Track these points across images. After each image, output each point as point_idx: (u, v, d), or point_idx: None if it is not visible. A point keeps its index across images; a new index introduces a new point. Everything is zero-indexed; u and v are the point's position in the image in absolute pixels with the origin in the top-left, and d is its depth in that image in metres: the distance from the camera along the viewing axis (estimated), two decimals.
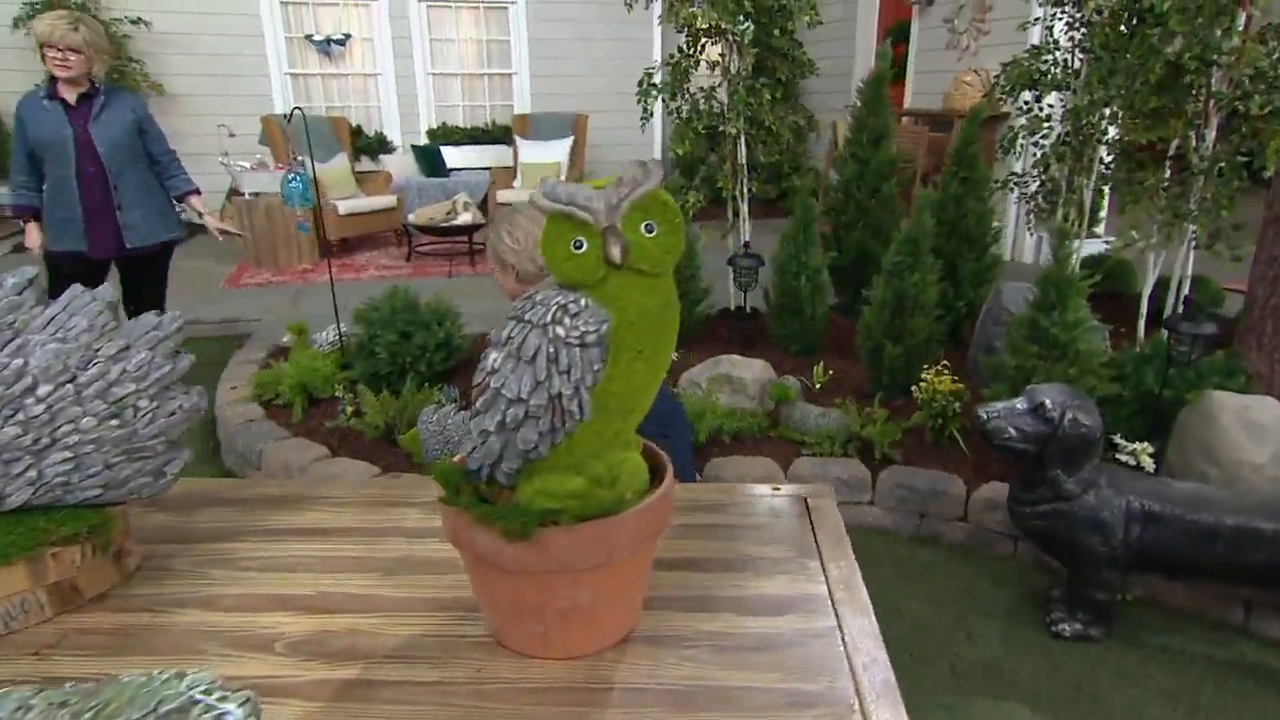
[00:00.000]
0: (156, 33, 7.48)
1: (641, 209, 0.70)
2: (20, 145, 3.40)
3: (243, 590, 0.86)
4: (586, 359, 0.69)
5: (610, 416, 0.73)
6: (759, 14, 3.93)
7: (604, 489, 0.75)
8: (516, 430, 0.71)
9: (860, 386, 3.56)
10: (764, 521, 1.04)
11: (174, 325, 0.90)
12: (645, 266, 0.71)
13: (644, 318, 0.71)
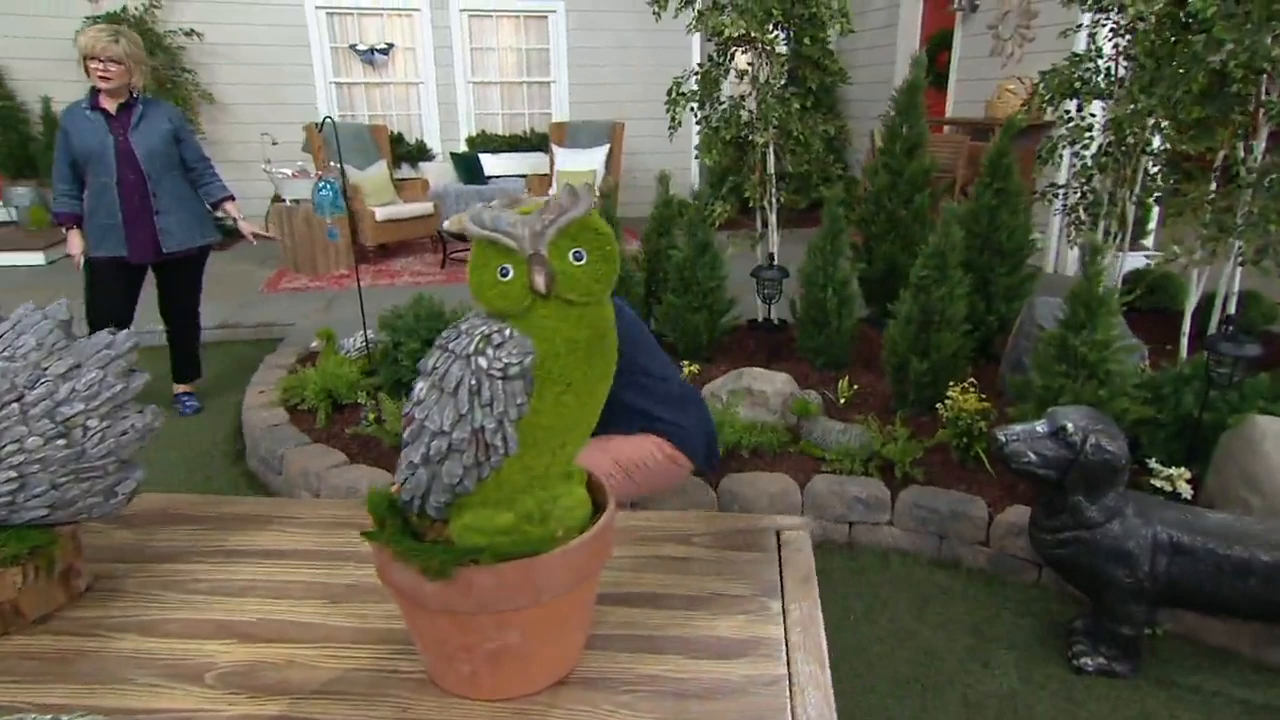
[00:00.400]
0: (208, 44, 7.69)
1: (569, 236, 0.68)
2: (63, 155, 3.51)
3: (187, 615, 0.86)
4: (509, 391, 0.67)
5: (540, 451, 0.71)
6: (789, 22, 3.88)
7: (534, 525, 0.72)
8: (441, 463, 0.69)
9: (886, 402, 3.48)
10: (731, 555, 1.01)
11: (127, 344, 0.90)
12: (573, 296, 0.68)
13: (572, 349, 0.69)
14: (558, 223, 0.67)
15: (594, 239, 0.69)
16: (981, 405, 3.00)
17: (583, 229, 0.68)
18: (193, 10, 7.59)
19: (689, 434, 2.18)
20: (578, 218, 0.67)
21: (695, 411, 2.25)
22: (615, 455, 2.11)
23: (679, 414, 2.17)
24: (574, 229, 0.68)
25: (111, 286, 3.61)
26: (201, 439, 3.66)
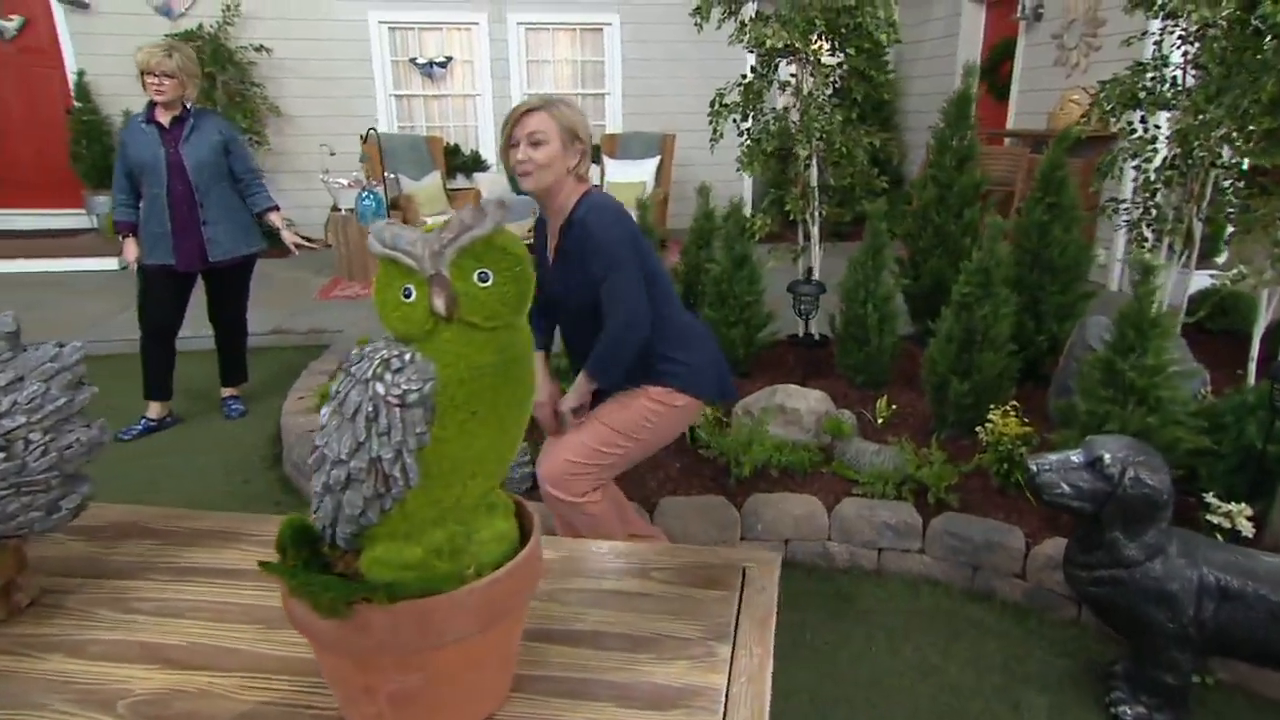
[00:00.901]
0: (276, 58, 7.95)
1: (474, 256, 0.64)
2: (121, 166, 3.65)
3: (119, 636, 0.85)
4: (409, 420, 0.63)
5: (448, 483, 0.67)
6: (834, 33, 3.80)
7: (444, 561, 0.69)
8: (342, 493, 0.66)
9: (925, 424, 3.36)
10: (688, 593, 0.95)
11: (73, 357, 0.89)
12: (477, 319, 0.64)
13: (478, 375, 0.65)
14: (458, 242, 0.63)
15: (501, 259, 0.65)
16: (1023, 430, 2.86)
17: (489, 248, 0.65)
18: (264, 27, 7.87)
19: (696, 371, 2.16)
20: (481, 236, 0.64)
21: (701, 346, 2.23)
22: (611, 424, 2.13)
23: (685, 351, 2.16)
24: (479, 248, 0.64)
25: (161, 292, 3.73)
26: (243, 442, 3.75)
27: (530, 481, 2.97)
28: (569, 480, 2.13)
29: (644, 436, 2.15)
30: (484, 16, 8.14)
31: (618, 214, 2.03)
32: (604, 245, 1.98)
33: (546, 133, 1.95)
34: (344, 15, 8.00)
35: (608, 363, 2.06)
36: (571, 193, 2.04)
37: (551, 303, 2.15)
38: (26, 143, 8.26)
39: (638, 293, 2.02)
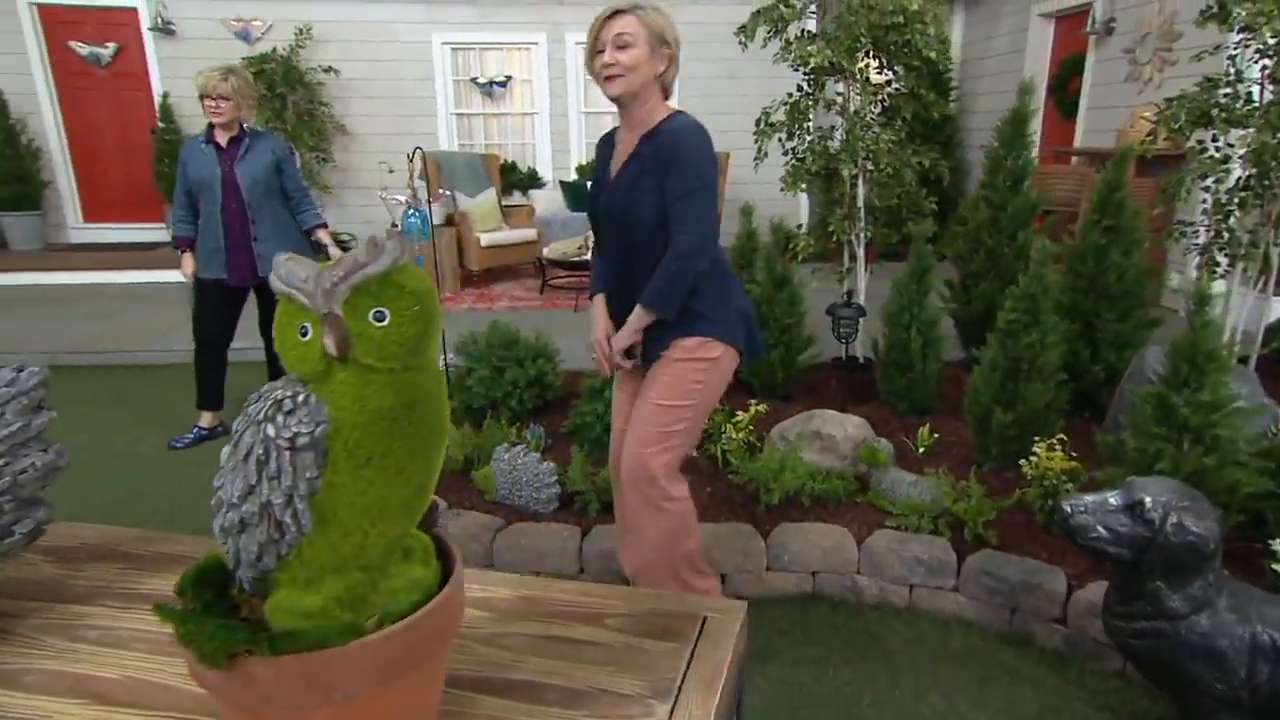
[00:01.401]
0: (343, 79, 8.23)
1: (370, 294, 0.62)
2: (181, 184, 3.80)
3: (57, 666, 0.85)
4: (299, 464, 0.61)
5: (347, 531, 0.65)
6: (882, 51, 3.71)
7: (345, 611, 0.66)
8: (239, 537, 0.65)
9: (969, 455, 3.22)
10: (639, 643, 0.91)
11: (31, 382, 0.90)
12: (372, 360, 0.62)
13: (374, 420, 0.62)
14: (350, 280, 0.61)
15: (399, 298, 0.62)
16: (1069, 465, 2.71)
17: (386, 287, 0.62)
18: (333, 49, 8.16)
19: (726, 321, 2.10)
20: (376, 274, 0.61)
21: (733, 298, 2.16)
22: (661, 400, 2.07)
23: (718, 305, 2.09)
24: (375, 287, 0.62)
25: (214, 305, 3.86)
26: None
27: (557, 502, 2.96)
28: (650, 466, 2.08)
29: (697, 398, 2.10)
30: (543, 37, 8.27)
31: (707, 137, 1.99)
32: (691, 162, 1.93)
33: (634, 35, 1.92)
34: (409, 37, 8.23)
35: (668, 290, 1.99)
36: (657, 105, 2.00)
37: (607, 226, 2.11)
38: (116, 161, 8.73)
39: (711, 219, 1.98)
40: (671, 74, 2.01)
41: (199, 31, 8.18)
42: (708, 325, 2.07)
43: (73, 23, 8.29)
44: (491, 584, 1.02)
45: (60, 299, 6.79)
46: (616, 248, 2.12)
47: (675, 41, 1.99)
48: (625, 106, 2.01)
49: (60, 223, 8.70)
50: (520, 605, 0.97)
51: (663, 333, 2.07)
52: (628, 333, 2.09)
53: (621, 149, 2.07)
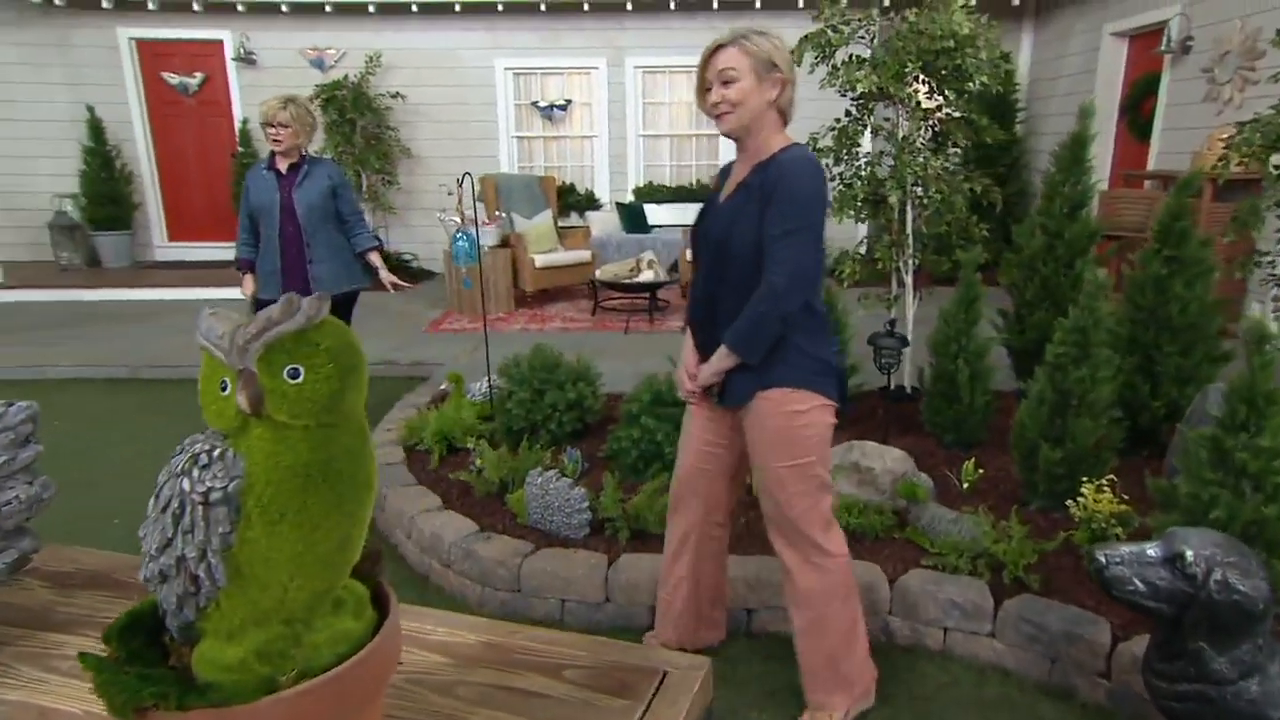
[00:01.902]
0: (410, 104, 8.51)
1: (284, 351, 0.62)
2: (244, 208, 3.97)
3: (21, 697, 0.86)
4: (212, 519, 0.62)
5: (264, 585, 0.65)
6: (932, 76, 3.64)
7: (264, 665, 0.67)
8: (161, 587, 0.66)
9: (1016, 492, 3.09)
10: (592, 698, 0.89)
11: (18, 417, 0.94)
12: (284, 417, 0.63)
13: (288, 476, 0.63)
14: (263, 338, 0.62)
15: (313, 356, 0.63)
16: (1119, 508, 2.58)
17: (302, 344, 0.63)
18: (400, 76, 8.45)
19: (814, 376, 1.99)
20: (287, 333, 0.62)
21: (821, 348, 2.03)
22: (780, 463, 2.00)
23: (803, 355, 1.98)
24: (289, 344, 0.62)
25: None
26: None
27: (588, 528, 2.95)
28: (801, 527, 2.04)
29: (815, 450, 2.01)
30: (603, 61, 8.39)
31: (820, 175, 1.90)
32: (796, 198, 1.85)
33: (739, 68, 1.87)
34: (473, 63, 8.46)
35: (750, 332, 1.91)
36: (773, 134, 1.92)
37: (705, 252, 2.04)
38: (199, 184, 9.19)
39: (811, 262, 1.89)
40: (786, 99, 1.92)
41: (277, 61, 8.58)
42: (791, 374, 1.96)
43: (166, 55, 8.79)
44: (457, 628, 1.02)
45: (144, 314, 7.16)
46: (709, 276, 2.05)
47: (786, 64, 1.89)
48: (739, 140, 1.95)
49: (148, 242, 9.19)
50: (481, 652, 0.97)
51: (746, 378, 1.99)
52: (709, 372, 2.03)
53: (734, 178, 2.02)
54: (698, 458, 2.23)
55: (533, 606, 2.71)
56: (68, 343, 6.12)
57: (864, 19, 3.65)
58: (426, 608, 1.06)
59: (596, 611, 2.67)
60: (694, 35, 8.28)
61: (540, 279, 6.91)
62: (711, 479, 2.25)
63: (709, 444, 2.21)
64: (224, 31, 8.59)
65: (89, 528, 3.33)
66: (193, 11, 8.33)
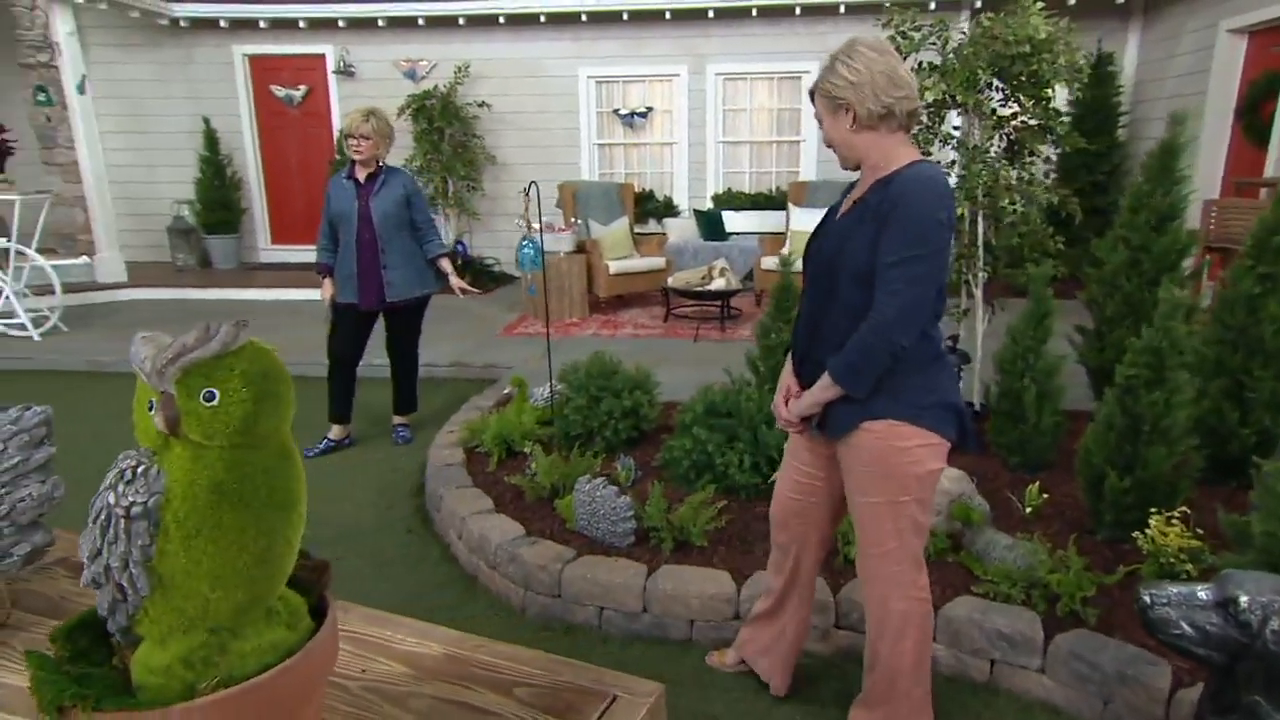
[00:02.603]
0: (495, 113, 8.74)
1: (202, 375, 0.66)
2: (325, 215, 4.17)
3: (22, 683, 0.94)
4: (133, 532, 0.67)
5: (186, 595, 0.69)
6: (1007, 83, 3.49)
7: (190, 670, 0.71)
8: (96, 592, 0.71)
9: (1082, 520, 2.94)
10: (534, 717, 0.90)
11: (33, 420, 1.03)
12: (198, 438, 0.67)
13: (203, 493, 0.67)
14: (179, 362, 0.66)
15: (228, 380, 0.67)
16: (1190, 542, 2.41)
17: (217, 369, 0.66)
18: (487, 85, 8.69)
19: (927, 411, 1.86)
20: (202, 359, 0.66)
21: (939, 387, 1.90)
22: (876, 496, 1.91)
23: (916, 388, 1.85)
24: (206, 369, 0.66)
25: (347, 327, 4.19)
26: (400, 468, 4.09)
27: (633, 537, 2.96)
28: (888, 565, 1.97)
29: (913, 490, 1.89)
30: (685, 69, 8.41)
31: (944, 195, 1.76)
32: (913, 222, 1.72)
33: (820, 111, 1.86)
34: (557, 72, 8.61)
35: (857, 363, 1.80)
36: (890, 150, 1.82)
37: (814, 269, 1.95)
38: (300, 190, 9.70)
39: (925, 291, 1.75)
40: (869, 115, 1.79)
41: (374, 73, 8.96)
42: (899, 407, 1.84)
43: (274, 69, 9.32)
44: (428, 639, 1.05)
45: (246, 313, 7.58)
46: (815, 298, 1.94)
47: (851, 91, 1.78)
48: (859, 165, 1.89)
49: (253, 245, 9.75)
50: (443, 665, 1.00)
51: (849, 407, 1.87)
52: (807, 402, 1.93)
53: (855, 191, 1.93)
54: (794, 488, 2.15)
55: (572, 612, 2.74)
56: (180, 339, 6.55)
57: (936, 24, 3.54)
58: (402, 617, 1.10)
59: (634, 621, 2.68)
60: (776, 41, 8.20)
61: (614, 285, 6.97)
62: (809, 512, 2.16)
63: (807, 475, 2.11)
64: (326, 46, 9.04)
65: None
66: (298, 28, 8.80)
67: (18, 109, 9.27)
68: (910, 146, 1.86)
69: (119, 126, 9.35)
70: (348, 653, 1.01)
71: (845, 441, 1.92)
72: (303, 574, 0.82)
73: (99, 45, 9.11)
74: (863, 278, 1.80)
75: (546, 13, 8.18)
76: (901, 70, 1.81)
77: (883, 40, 1.86)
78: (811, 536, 2.20)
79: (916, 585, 2.01)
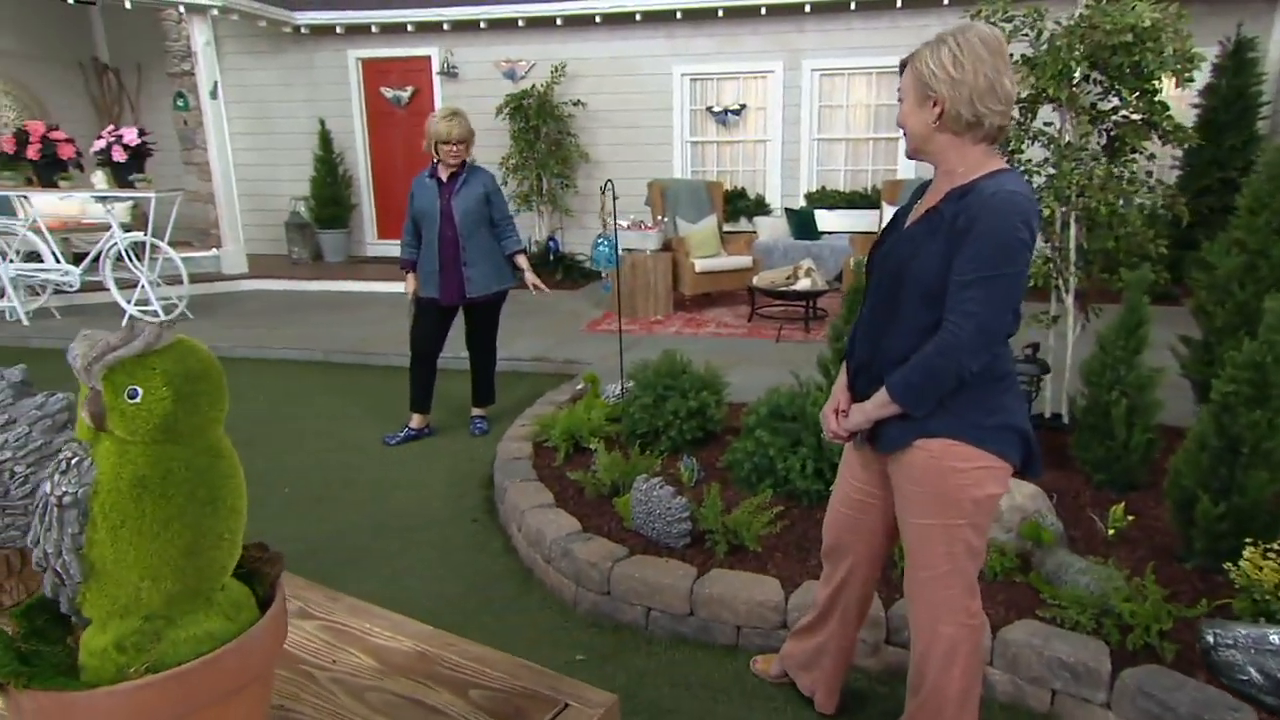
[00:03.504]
0: (590, 111, 8.85)
1: (126, 373, 0.69)
2: (409, 213, 4.33)
3: None
4: (64, 520, 0.70)
5: (119, 583, 0.73)
6: (1106, 75, 3.26)
7: (124, 655, 0.74)
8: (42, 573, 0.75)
9: (1171, 547, 2.72)
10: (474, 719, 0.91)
11: (56, 405, 1.10)
12: (123, 434, 0.70)
13: (126, 486, 0.70)
14: (103, 360, 0.69)
15: (150, 379, 0.69)
16: None
17: (140, 368, 0.69)
18: (583, 84, 8.81)
19: (990, 433, 1.73)
20: (126, 357, 0.69)
21: (1005, 411, 1.76)
22: (929, 518, 1.81)
23: (979, 409, 1.73)
24: (130, 367, 0.69)
25: (428, 321, 4.34)
26: (474, 458, 4.20)
27: (688, 538, 2.94)
28: (938, 589, 1.87)
29: (968, 514, 1.77)
30: (780, 65, 8.27)
31: (1026, 211, 1.62)
32: (993, 241, 1.60)
33: (903, 89, 1.72)
34: (651, 70, 8.64)
35: (920, 384, 1.70)
36: (971, 156, 1.68)
37: (879, 277, 1.84)
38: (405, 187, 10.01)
39: (1001, 313, 1.64)
40: (956, 119, 1.64)
41: (476, 73, 9.24)
42: (959, 425, 1.73)
43: (384, 71, 9.75)
44: (402, 634, 1.07)
45: (350, 304, 8.00)
46: (878, 309, 1.83)
47: (945, 84, 1.63)
48: (928, 162, 1.77)
49: (361, 239, 10.23)
50: (410, 661, 1.01)
51: (905, 423, 1.77)
52: (861, 416, 1.84)
53: (928, 198, 1.79)
54: (847, 502, 2.06)
55: (621, 611, 2.75)
56: (286, 327, 6.97)
57: (1029, 14, 3.34)
58: (385, 610, 1.13)
59: (680, 623, 2.66)
60: (876, 35, 7.95)
61: (699, 283, 6.94)
62: (860, 528, 2.06)
63: (860, 490, 2.02)
64: (432, 48, 9.37)
65: (261, 495, 3.79)
66: (406, 32, 9.16)
67: (167, 113, 10.13)
68: (993, 155, 1.71)
69: (247, 128, 10.02)
70: (324, 643, 1.05)
71: (897, 458, 1.83)
72: (257, 566, 0.85)
73: (232, 54, 9.79)
74: (931, 296, 1.69)
75: (642, 11, 8.20)
76: (1006, 79, 1.64)
77: (999, 35, 1.67)
78: (863, 553, 2.11)
79: (968, 611, 1.90)
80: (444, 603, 2.86)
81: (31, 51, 10.63)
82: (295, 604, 1.11)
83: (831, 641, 2.22)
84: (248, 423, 4.80)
